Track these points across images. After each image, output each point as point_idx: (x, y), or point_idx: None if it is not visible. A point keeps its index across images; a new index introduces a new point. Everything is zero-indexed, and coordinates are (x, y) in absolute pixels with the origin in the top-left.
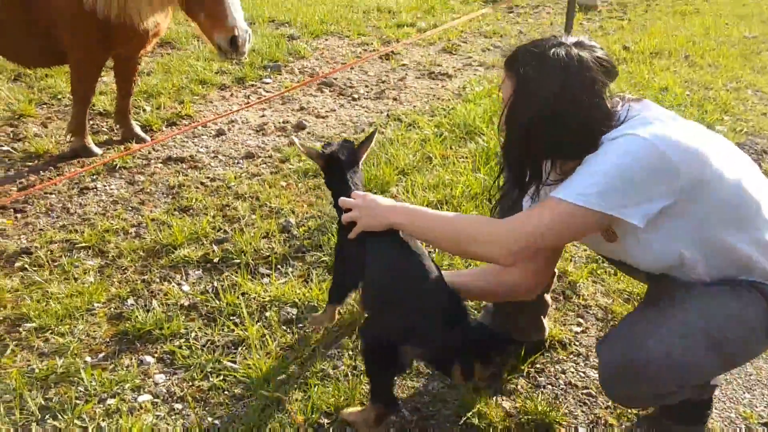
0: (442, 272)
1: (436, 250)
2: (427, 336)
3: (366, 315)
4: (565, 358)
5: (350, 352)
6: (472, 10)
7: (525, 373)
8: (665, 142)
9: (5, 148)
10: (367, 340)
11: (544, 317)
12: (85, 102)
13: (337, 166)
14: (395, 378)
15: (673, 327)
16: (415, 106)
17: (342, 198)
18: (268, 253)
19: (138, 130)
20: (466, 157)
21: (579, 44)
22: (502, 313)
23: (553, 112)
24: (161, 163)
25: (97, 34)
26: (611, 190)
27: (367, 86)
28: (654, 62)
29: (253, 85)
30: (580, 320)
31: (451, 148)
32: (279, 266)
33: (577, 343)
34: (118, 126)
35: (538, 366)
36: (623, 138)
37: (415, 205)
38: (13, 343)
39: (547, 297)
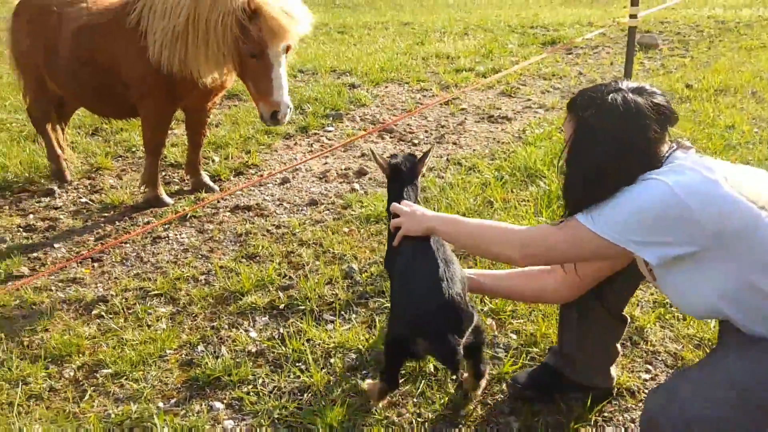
0: (475, 272)
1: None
2: (433, 331)
3: (391, 305)
4: (633, 406)
5: (415, 400)
6: (529, 52)
7: (593, 422)
8: (688, 190)
9: (84, 199)
10: (388, 332)
11: (613, 365)
12: (157, 154)
13: (399, 176)
14: (403, 364)
15: (709, 384)
16: (474, 150)
17: (393, 203)
18: (332, 299)
19: (207, 179)
20: (528, 201)
21: (638, 90)
22: (569, 359)
23: (609, 155)
24: (229, 211)
25: (163, 88)
26: (625, 224)
27: (426, 131)
28: (719, 99)
29: (316, 134)
30: (649, 367)
31: (512, 191)
32: (343, 312)
33: (645, 391)
34: (188, 176)
35: (605, 414)
36: (651, 181)
37: (452, 214)
38: (91, 388)
39: (618, 346)
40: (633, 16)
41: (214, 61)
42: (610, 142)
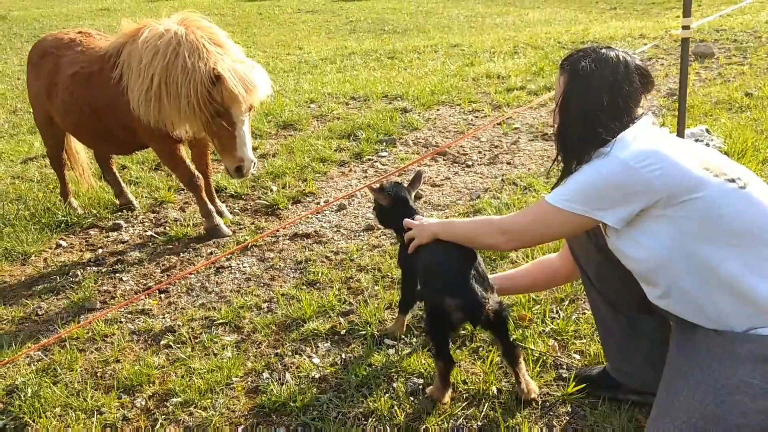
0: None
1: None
2: (461, 289)
3: (422, 292)
4: None
5: (478, 423)
6: None
7: None
8: (642, 160)
9: (149, 233)
10: (424, 301)
11: None
12: (194, 186)
13: (403, 202)
14: (449, 337)
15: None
16: (529, 169)
17: (406, 219)
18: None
19: (222, 208)
20: None
21: (626, 52)
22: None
23: (598, 102)
24: (288, 239)
25: (161, 130)
26: (585, 198)
27: (480, 152)
28: None
29: (369, 159)
30: None
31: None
32: (403, 337)
33: None
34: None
35: None
36: (606, 157)
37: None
38: (162, 417)
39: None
40: (686, 27)
41: (186, 119)
42: (604, 88)
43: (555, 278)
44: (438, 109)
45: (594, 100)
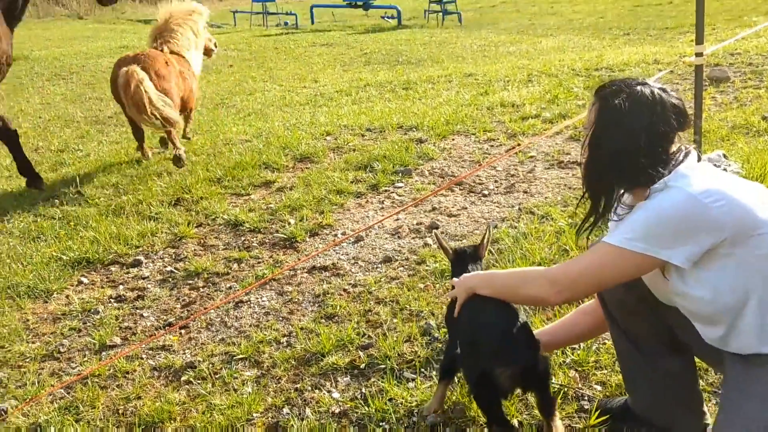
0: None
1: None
2: (510, 354)
3: (464, 357)
4: None
5: None
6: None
7: None
8: (709, 195)
9: (169, 268)
10: (467, 372)
11: (702, 405)
12: None
13: (463, 260)
14: (501, 402)
15: None
16: (546, 198)
17: (453, 279)
18: (411, 357)
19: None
20: None
21: (661, 88)
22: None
23: (632, 143)
24: (307, 272)
25: None
26: (651, 235)
27: (496, 181)
28: None
29: (386, 191)
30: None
31: (587, 238)
32: (423, 370)
33: None
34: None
35: None
36: (669, 190)
37: (488, 270)
38: None
39: (698, 388)
40: (699, 54)
41: None
42: (638, 128)
43: (598, 326)
44: (453, 139)
45: (627, 140)
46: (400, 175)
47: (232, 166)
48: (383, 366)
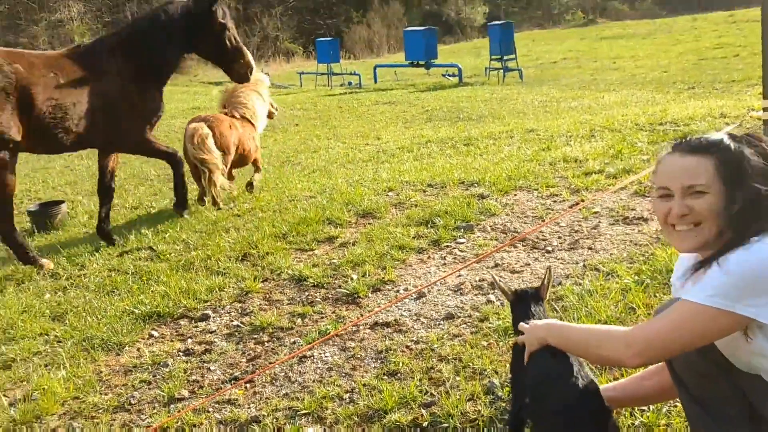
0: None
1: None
2: (583, 411)
3: (532, 412)
4: None
5: None
6: (659, 150)
7: None
8: None
9: (235, 322)
10: (536, 422)
11: None
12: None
13: (524, 302)
14: None
15: None
16: (612, 255)
17: (521, 323)
18: (475, 416)
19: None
20: None
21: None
22: None
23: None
24: (369, 328)
25: None
26: (737, 291)
27: (559, 237)
28: None
29: (448, 246)
30: None
31: (655, 296)
32: (486, 430)
33: None
34: None
35: None
36: (755, 245)
37: (561, 321)
38: None
39: None
40: (767, 109)
41: None
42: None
43: (665, 390)
44: (515, 195)
45: (750, 191)
46: (462, 230)
47: (296, 222)
48: (446, 425)
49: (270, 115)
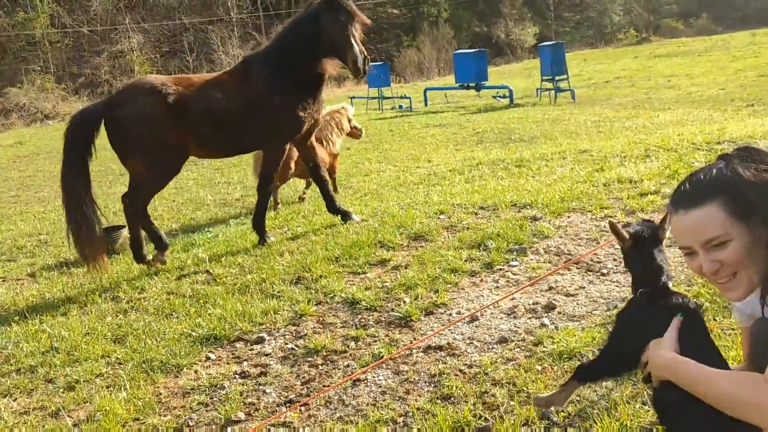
0: None
1: None
2: None
3: None
4: None
5: None
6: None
7: None
8: None
9: (290, 345)
10: None
11: None
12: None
13: (642, 246)
14: None
15: None
16: None
17: (646, 352)
18: None
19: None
20: (733, 329)
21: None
22: None
23: None
24: (422, 352)
25: None
26: None
27: (615, 260)
28: None
29: (500, 269)
30: None
31: (714, 319)
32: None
33: None
34: None
35: None
36: None
37: (687, 359)
38: None
39: None
40: None
41: None
42: None
43: None
44: (569, 216)
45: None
46: (515, 253)
47: (349, 245)
48: None
49: (355, 135)
